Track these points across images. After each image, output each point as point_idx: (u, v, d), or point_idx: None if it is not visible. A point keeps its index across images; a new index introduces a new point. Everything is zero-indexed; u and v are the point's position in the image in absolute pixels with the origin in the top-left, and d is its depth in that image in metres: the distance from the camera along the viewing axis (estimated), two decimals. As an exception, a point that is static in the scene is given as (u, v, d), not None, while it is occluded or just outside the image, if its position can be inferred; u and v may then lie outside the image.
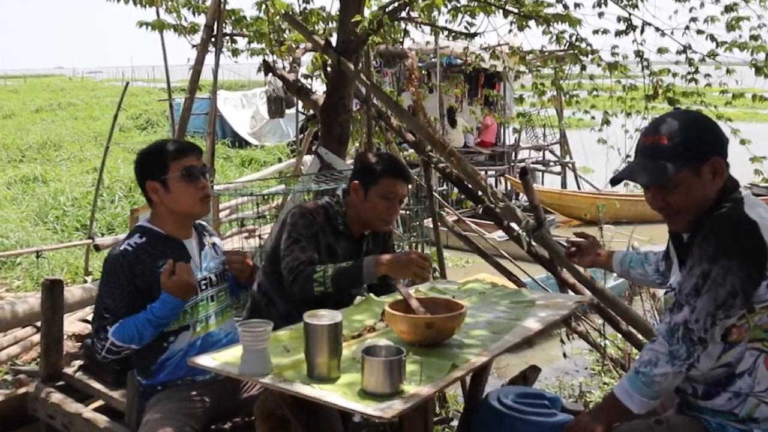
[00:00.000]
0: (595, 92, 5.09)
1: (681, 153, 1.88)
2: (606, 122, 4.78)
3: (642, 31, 4.45)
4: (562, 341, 4.79)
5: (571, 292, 3.84)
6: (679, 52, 4.52)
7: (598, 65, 4.71)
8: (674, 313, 1.89)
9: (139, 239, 2.43)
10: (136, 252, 2.40)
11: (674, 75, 4.71)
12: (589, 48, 4.61)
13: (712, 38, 4.44)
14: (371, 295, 2.78)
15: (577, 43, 4.57)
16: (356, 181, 2.79)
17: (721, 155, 1.93)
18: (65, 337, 3.88)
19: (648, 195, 1.99)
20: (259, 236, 5.88)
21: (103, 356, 2.34)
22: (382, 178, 2.75)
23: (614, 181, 2.06)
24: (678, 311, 1.88)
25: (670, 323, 1.89)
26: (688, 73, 4.61)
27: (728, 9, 4.41)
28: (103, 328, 2.33)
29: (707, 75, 4.67)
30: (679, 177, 1.89)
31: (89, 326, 4.50)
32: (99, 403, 3.11)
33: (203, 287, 2.51)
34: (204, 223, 2.69)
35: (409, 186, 2.89)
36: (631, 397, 1.93)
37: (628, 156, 4.55)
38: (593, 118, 5.15)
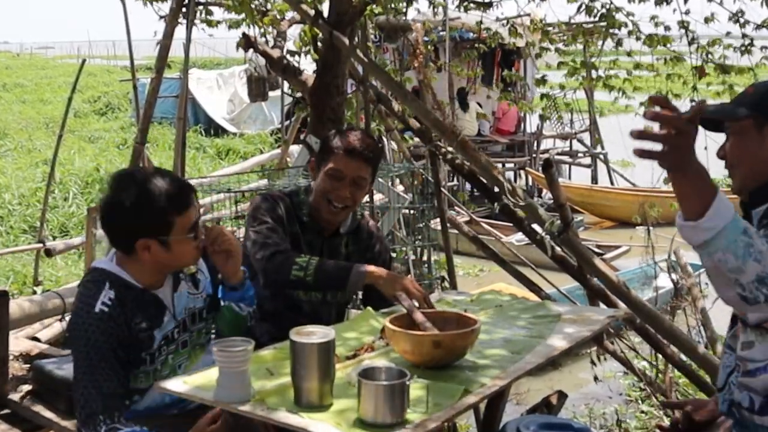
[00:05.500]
0: (636, 72, 5.06)
1: (755, 101, 1.99)
2: (644, 104, 4.77)
3: None
4: (592, 362, 4.80)
5: (602, 305, 3.84)
6: (730, 19, 4.52)
7: (637, 38, 4.71)
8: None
9: (110, 291, 2.27)
10: (112, 313, 2.25)
11: (726, 48, 4.71)
12: (625, 19, 4.60)
13: None
14: (369, 308, 2.79)
15: (610, 14, 4.57)
16: (312, 159, 2.94)
17: None
18: (11, 357, 3.88)
19: None
20: (238, 240, 5.88)
21: None
22: (331, 154, 2.81)
23: (703, 123, 2.08)
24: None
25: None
26: (742, 45, 4.62)
27: None
28: (94, 425, 2.19)
29: (764, 47, 4.68)
30: (740, 124, 1.99)
31: (39, 345, 4.50)
32: (50, 434, 3.10)
33: (176, 335, 2.45)
34: None
35: (370, 168, 2.85)
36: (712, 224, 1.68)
37: None
38: (628, 98, 5.14)
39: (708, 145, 2.19)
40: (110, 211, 2.31)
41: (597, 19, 4.67)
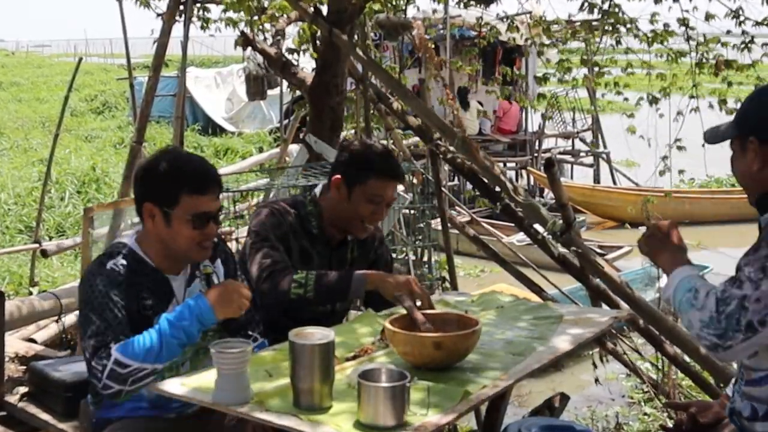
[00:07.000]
0: (630, 69, 5.09)
1: (736, 120, 2.06)
2: (652, 101, 4.78)
3: None
4: (594, 364, 4.80)
5: (605, 306, 3.84)
6: (726, 15, 4.53)
7: (636, 36, 4.72)
8: (732, 286, 1.89)
9: (123, 260, 2.35)
10: (120, 276, 2.32)
11: (724, 45, 4.73)
12: (625, 17, 4.61)
13: None
14: (369, 309, 2.79)
15: (611, 10, 4.58)
16: (339, 176, 2.80)
17: (759, 137, 1.99)
18: (7, 359, 3.88)
19: None
20: (237, 239, 5.88)
21: (104, 384, 2.19)
22: (370, 177, 2.75)
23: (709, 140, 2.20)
24: (736, 286, 1.88)
25: (725, 293, 1.88)
26: (742, 42, 4.63)
27: None
28: (104, 346, 2.22)
29: (765, 44, 4.69)
30: (732, 144, 2.07)
31: (35, 346, 4.50)
32: (47, 437, 3.10)
33: None
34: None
35: (400, 186, 2.90)
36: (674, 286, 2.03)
37: (678, 140, 4.55)
38: (620, 90, 5.15)
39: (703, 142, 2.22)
40: (138, 172, 2.44)
41: (599, 16, 4.67)
